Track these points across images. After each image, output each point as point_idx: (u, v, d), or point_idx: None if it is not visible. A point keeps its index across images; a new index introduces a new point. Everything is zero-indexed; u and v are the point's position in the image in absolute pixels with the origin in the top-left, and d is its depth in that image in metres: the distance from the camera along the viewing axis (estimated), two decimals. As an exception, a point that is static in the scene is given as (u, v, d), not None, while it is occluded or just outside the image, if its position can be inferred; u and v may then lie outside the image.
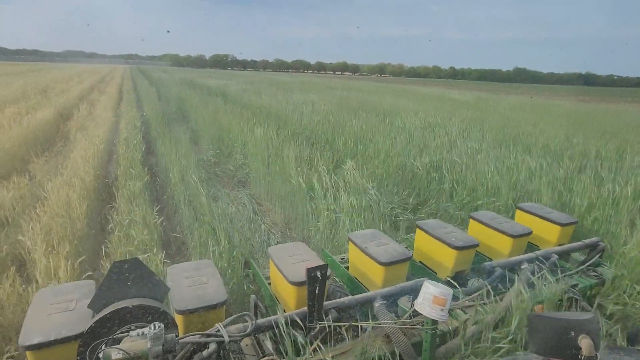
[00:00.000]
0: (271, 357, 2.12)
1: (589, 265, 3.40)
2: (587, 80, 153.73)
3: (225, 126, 9.79)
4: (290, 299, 2.52)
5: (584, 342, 0.96)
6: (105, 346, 1.65)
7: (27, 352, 1.83)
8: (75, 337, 1.86)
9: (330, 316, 2.35)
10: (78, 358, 1.83)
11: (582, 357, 0.96)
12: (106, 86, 25.85)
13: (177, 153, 6.95)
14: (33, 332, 1.87)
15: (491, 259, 3.39)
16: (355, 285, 3.08)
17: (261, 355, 2.18)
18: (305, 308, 2.26)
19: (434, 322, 2.11)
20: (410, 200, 5.48)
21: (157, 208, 4.76)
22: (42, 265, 3.16)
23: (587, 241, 3.58)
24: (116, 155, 7.47)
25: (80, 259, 3.45)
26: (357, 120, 10.38)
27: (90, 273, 3.37)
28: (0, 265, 3.57)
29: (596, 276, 3.31)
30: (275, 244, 4.54)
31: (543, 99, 34.63)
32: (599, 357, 0.98)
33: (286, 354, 2.17)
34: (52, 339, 1.84)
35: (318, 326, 2.28)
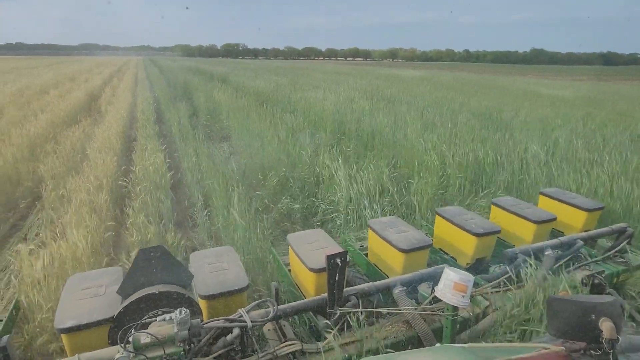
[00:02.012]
0: (293, 342, 2.17)
1: (616, 252, 3.33)
2: (608, 60, 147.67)
3: (217, 100, 12.91)
4: (310, 285, 2.57)
5: (605, 325, 0.96)
6: (135, 330, 1.72)
7: (62, 335, 1.93)
8: (105, 321, 1.95)
9: (350, 302, 2.39)
10: (109, 341, 1.92)
11: (603, 340, 0.96)
12: (123, 75, 29.87)
13: (178, 117, 10.43)
14: (67, 316, 1.97)
15: (513, 246, 3.35)
16: (374, 272, 3.11)
17: (283, 340, 2.24)
18: (326, 294, 2.30)
19: (455, 308, 2.11)
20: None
21: (163, 147, 7.40)
22: (99, 160, 5.85)
23: (614, 227, 3.50)
24: (135, 119, 10.62)
25: (116, 158, 6.31)
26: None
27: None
28: (78, 158, 6.70)
29: (623, 262, 3.24)
30: (294, 232, 4.40)
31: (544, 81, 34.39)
32: (620, 340, 0.97)
33: (307, 339, 2.22)
34: (85, 322, 1.93)
35: (338, 312, 2.31)
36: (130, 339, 1.65)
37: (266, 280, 3.40)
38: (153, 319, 1.84)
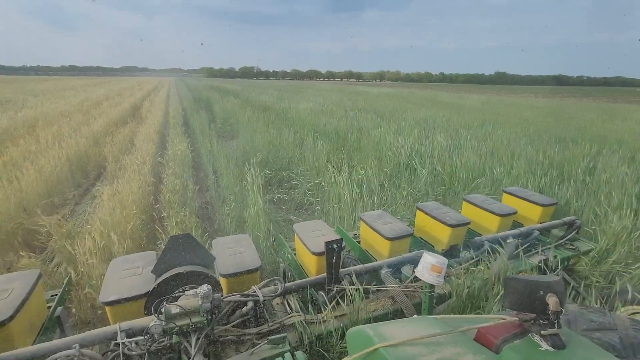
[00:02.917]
0: (297, 314, 2.19)
1: (567, 240, 3.33)
2: (561, 81, 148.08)
3: (231, 110, 14.63)
4: (312, 266, 2.58)
5: (552, 300, 0.97)
6: (166, 303, 1.73)
7: (106, 307, 1.95)
8: (142, 296, 1.97)
9: (345, 281, 2.40)
10: (145, 312, 1.94)
11: (550, 312, 0.97)
12: (158, 91, 32.71)
13: (200, 121, 11.83)
14: (110, 291, 1.98)
15: (481, 235, 3.36)
16: (365, 256, 3.12)
17: (289, 312, 2.25)
18: (325, 274, 2.31)
19: (432, 286, 2.13)
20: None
21: (187, 139, 8.84)
22: (143, 146, 7.23)
23: (565, 219, 3.51)
24: (168, 123, 11.98)
25: (155, 146, 7.75)
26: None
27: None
28: (128, 146, 8.17)
29: (573, 249, 3.25)
30: (298, 222, 4.43)
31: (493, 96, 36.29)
32: (564, 312, 0.98)
33: (309, 311, 2.24)
34: (125, 296, 1.95)
35: (335, 289, 2.32)
36: (163, 309, 1.66)
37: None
38: (181, 293, 1.85)
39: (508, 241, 3.06)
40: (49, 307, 2.23)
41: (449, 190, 5.47)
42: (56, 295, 2.39)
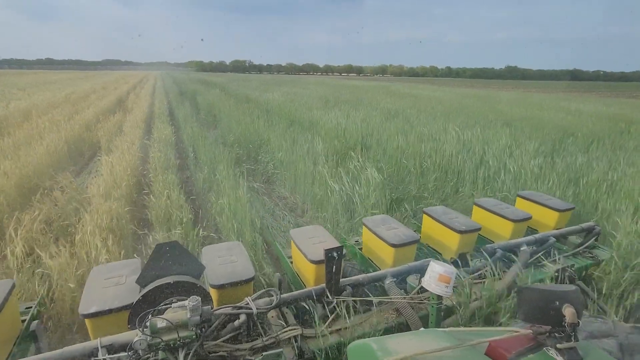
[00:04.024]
0: (294, 327, 2.17)
1: (585, 247, 3.33)
2: (575, 76, 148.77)
3: (214, 102, 15.74)
4: (310, 275, 2.57)
5: (568, 311, 0.96)
6: (152, 316, 1.72)
7: (86, 320, 1.93)
8: (125, 307, 1.95)
9: (345, 292, 2.39)
10: (128, 325, 1.92)
11: (566, 324, 0.97)
12: (144, 85, 33.95)
13: (184, 112, 13.67)
14: (90, 302, 1.97)
15: (493, 242, 3.36)
16: (367, 265, 3.11)
17: (285, 325, 2.24)
18: (324, 284, 2.30)
19: (439, 297, 2.12)
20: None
21: (171, 126, 10.40)
22: (131, 131, 8.98)
23: (583, 225, 3.50)
24: (153, 113, 13.49)
25: (141, 131, 9.57)
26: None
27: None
28: (117, 131, 9.74)
29: (592, 257, 3.24)
30: (296, 227, 4.58)
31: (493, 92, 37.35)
32: (580, 324, 0.98)
33: (307, 324, 2.22)
34: (107, 308, 1.93)
35: (335, 300, 2.31)
36: (148, 323, 1.65)
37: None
38: (168, 305, 1.84)
39: (522, 249, 3.06)
40: (23, 321, 2.21)
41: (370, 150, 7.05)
42: (31, 308, 2.37)
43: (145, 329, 1.63)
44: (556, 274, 2.91)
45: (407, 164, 5.97)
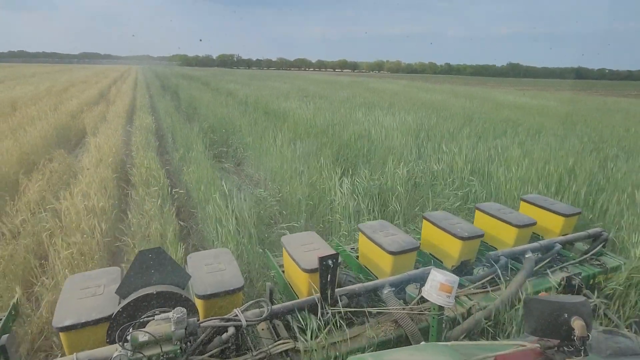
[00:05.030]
0: (286, 341, 2.16)
1: (592, 255, 3.37)
2: (580, 74, 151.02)
3: (195, 96, 17.38)
4: (302, 285, 2.56)
5: (577, 324, 0.97)
6: (133, 329, 1.70)
7: (60, 333, 1.90)
8: (104, 320, 1.92)
9: (341, 302, 2.38)
10: (107, 340, 1.89)
11: (575, 337, 0.97)
12: (125, 79, 35.98)
13: (165, 104, 15.81)
14: (65, 314, 1.93)
15: (496, 249, 3.38)
16: (364, 274, 3.11)
17: (276, 338, 2.23)
18: (318, 294, 2.30)
19: (441, 308, 2.12)
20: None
21: (152, 117, 11.84)
22: (114, 120, 10.84)
23: (590, 231, 3.54)
24: (135, 105, 15.48)
25: (124, 120, 11.23)
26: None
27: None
28: (101, 119, 11.52)
29: (599, 265, 3.29)
30: (289, 234, 4.62)
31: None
32: (590, 337, 0.99)
33: (300, 337, 2.21)
34: (83, 321, 1.90)
35: (330, 312, 2.31)
36: (129, 337, 1.63)
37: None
38: (151, 318, 1.82)
39: (527, 256, 3.09)
40: None
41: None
42: (0, 320, 2.32)
43: (125, 344, 1.62)
44: (562, 282, 2.95)
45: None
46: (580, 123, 12.02)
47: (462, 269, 3.12)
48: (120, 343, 1.62)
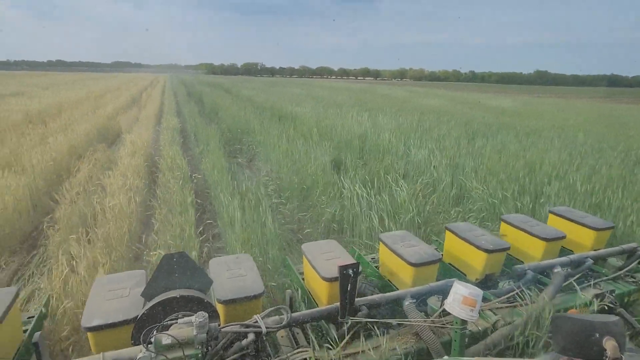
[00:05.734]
0: (304, 349, 2.16)
1: (626, 271, 3.21)
2: (613, 82, 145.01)
3: (217, 101, 19.47)
4: (322, 294, 2.56)
5: (609, 344, 0.93)
6: (157, 332, 1.74)
7: (88, 333, 1.97)
8: (129, 321, 1.98)
9: (361, 312, 2.36)
10: (132, 341, 1.95)
11: (607, 359, 0.94)
12: (154, 86, 40.09)
13: (190, 108, 17.98)
14: (93, 315, 2.01)
15: (522, 262, 3.28)
16: (385, 284, 3.07)
17: (295, 346, 2.23)
18: (338, 303, 2.28)
19: (464, 322, 2.07)
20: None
21: (178, 119, 13.77)
22: (145, 121, 12.98)
23: (624, 246, 3.38)
24: (163, 110, 17.11)
25: (153, 121, 13.39)
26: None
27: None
28: (134, 121, 13.69)
29: (634, 282, 3.12)
30: (308, 242, 4.62)
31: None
32: (623, 359, 0.95)
33: (319, 346, 2.21)
34: (110, 322, 1.97)
35: (349, 322, 2.29)
36: (153, 339, 1.67)
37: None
38: (174, 321, 1.86)
39: (555, 271, 2.97)
40: (25, 331, 2.27)
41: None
42: (33, 317, 2.43)
43: (149, 346, 1.66)
44: (594, 300, 2.82)
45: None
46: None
47: (486, 283, 3.04)
48: (145, 345, 1.66)
